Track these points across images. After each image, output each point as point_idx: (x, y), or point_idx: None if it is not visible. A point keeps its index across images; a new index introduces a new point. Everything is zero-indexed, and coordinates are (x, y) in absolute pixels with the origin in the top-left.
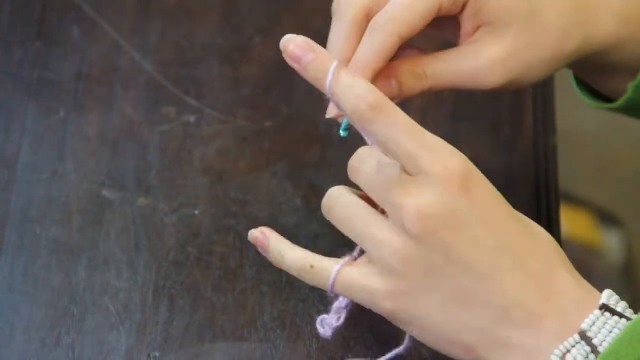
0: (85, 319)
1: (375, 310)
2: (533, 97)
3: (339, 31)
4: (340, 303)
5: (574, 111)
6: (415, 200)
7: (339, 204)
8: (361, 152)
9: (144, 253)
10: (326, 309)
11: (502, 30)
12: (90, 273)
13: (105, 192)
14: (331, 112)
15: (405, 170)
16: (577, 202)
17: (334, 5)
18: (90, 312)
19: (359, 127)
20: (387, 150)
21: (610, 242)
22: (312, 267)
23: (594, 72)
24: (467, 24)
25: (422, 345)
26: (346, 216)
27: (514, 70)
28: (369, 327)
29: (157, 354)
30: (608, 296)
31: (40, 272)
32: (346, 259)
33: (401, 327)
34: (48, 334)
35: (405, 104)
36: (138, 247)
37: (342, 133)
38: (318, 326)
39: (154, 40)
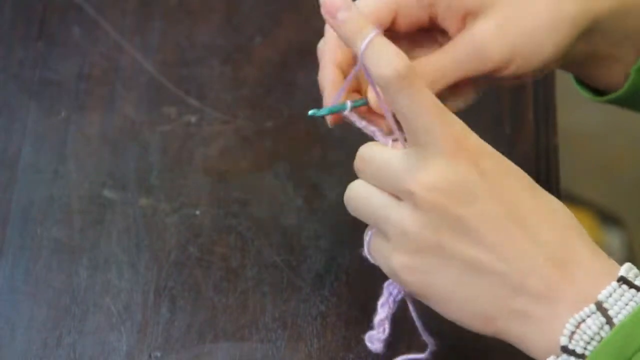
0: (86, 319)
1: (398, 283)
2: (534, 96)
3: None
4: (380, 315)
5: (575, 111)
6: (424, 176)
7: (358, 193)
8: (362, 152)
9: (145, 253)
10: (327, 309)
11: (486, 10)
12: (91, 273)
13: (106, 192)
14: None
15: (411, 155)
16: (578, 201)
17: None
18: (91, 312)
19: (383, 95)
20: (404, 121)
21: (611, 242)
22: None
23: (595, 63)
24: (449, 24)
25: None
26: (363, 203)
27: (510, 39)
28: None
29: (158, 354)
30: (627, 269)
31: (41, 272)
32: None
33: (423, 300)
34: (49, 334)
35: None
36: (139, 247)
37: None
38: (367, 344)
39: (155, 41)
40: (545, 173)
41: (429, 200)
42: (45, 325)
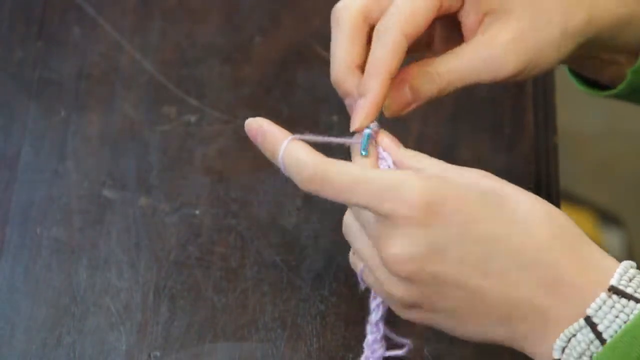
0: (85, 319)
1: None
2: (533, 97)
3: (339, 38)
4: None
5: (575, 111)
6: (391, 250)
7: (350, 235)
8: (345, 218)
9: (144, 253)
10: (326, 309)
11: (505, 16)
12: (91, 273)
13: (106, 192)
14: (354, 124)
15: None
16: (578, 201)
17: (332, 14)
18: (90, 311)
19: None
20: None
21: (611, 242)
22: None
23: (593, 62)
24: (469, 18)
25: (423, 346)
26: (355, 249)
27: (526, 53)
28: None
29: (158, 354)
30: (622, 272)
31: (41, 272)
32: None
33: None
34: (49, 333)
35: None
36: (139, 247)
37: (362, 153)
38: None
39: (155, 40)
40: (545, 173)
41: (404, 271)
42: (44, 325)
